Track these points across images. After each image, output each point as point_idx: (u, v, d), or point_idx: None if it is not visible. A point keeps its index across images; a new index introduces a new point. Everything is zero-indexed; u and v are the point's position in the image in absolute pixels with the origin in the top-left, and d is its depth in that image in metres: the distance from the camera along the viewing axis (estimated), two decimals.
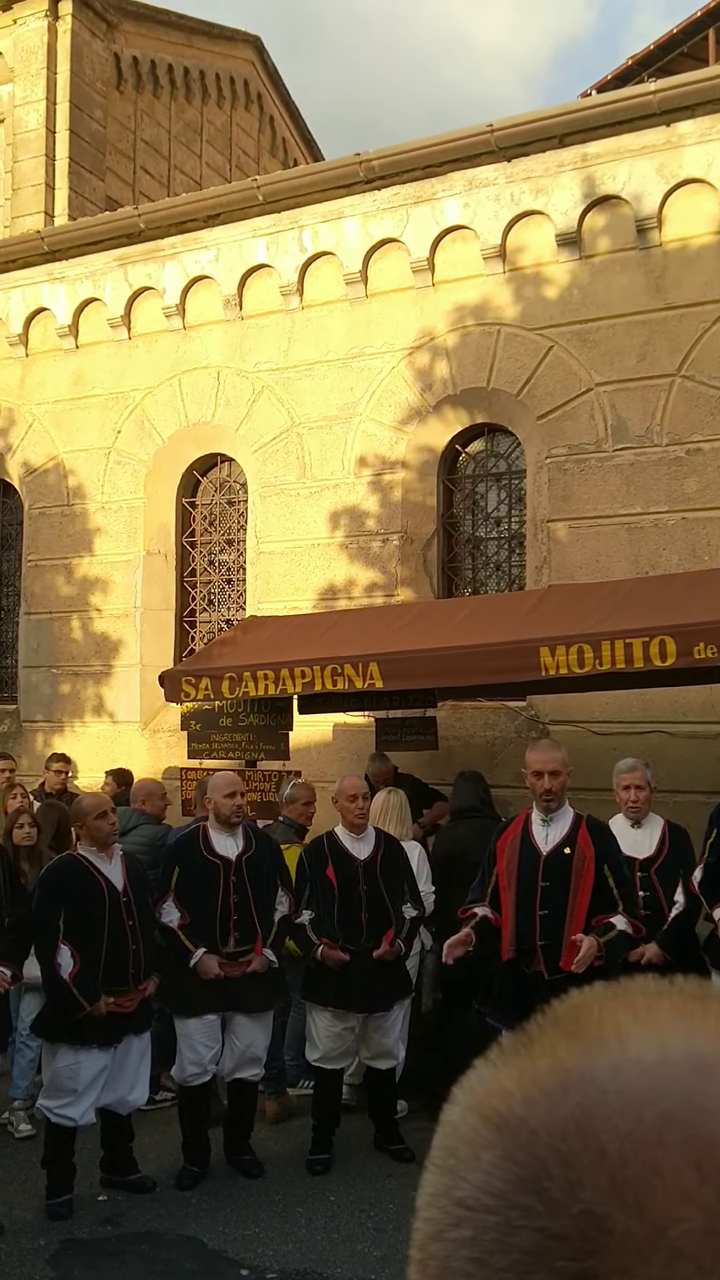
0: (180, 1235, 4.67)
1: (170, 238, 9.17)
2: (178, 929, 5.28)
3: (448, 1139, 0.45)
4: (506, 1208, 0.41)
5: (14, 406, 10.03)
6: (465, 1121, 0.45)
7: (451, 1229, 0.43)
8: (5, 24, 13.37)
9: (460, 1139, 0.44)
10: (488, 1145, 0.43)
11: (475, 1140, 0.44)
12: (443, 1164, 0.45)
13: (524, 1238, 0.40)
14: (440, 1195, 0.44)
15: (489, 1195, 0.42)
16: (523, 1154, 0.42)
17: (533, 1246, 0.40)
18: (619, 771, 5.66)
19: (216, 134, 15.99)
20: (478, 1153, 0.43)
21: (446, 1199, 0.43)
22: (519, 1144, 0.42)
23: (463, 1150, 0.44)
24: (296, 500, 8.62)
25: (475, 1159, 0.43)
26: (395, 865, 5.60)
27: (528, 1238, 0.40)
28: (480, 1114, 0.44)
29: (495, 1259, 0.41)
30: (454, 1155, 0.44)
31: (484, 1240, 0.41)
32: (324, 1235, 4.65)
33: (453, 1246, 0.42)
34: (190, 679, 6.83)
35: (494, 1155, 0.43)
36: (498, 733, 7.87)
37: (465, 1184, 0.43)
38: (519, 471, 8.34)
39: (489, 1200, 0.42)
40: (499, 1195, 0.41)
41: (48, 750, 9.49)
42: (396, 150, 8.12)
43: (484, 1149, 0.43)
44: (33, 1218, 4.82)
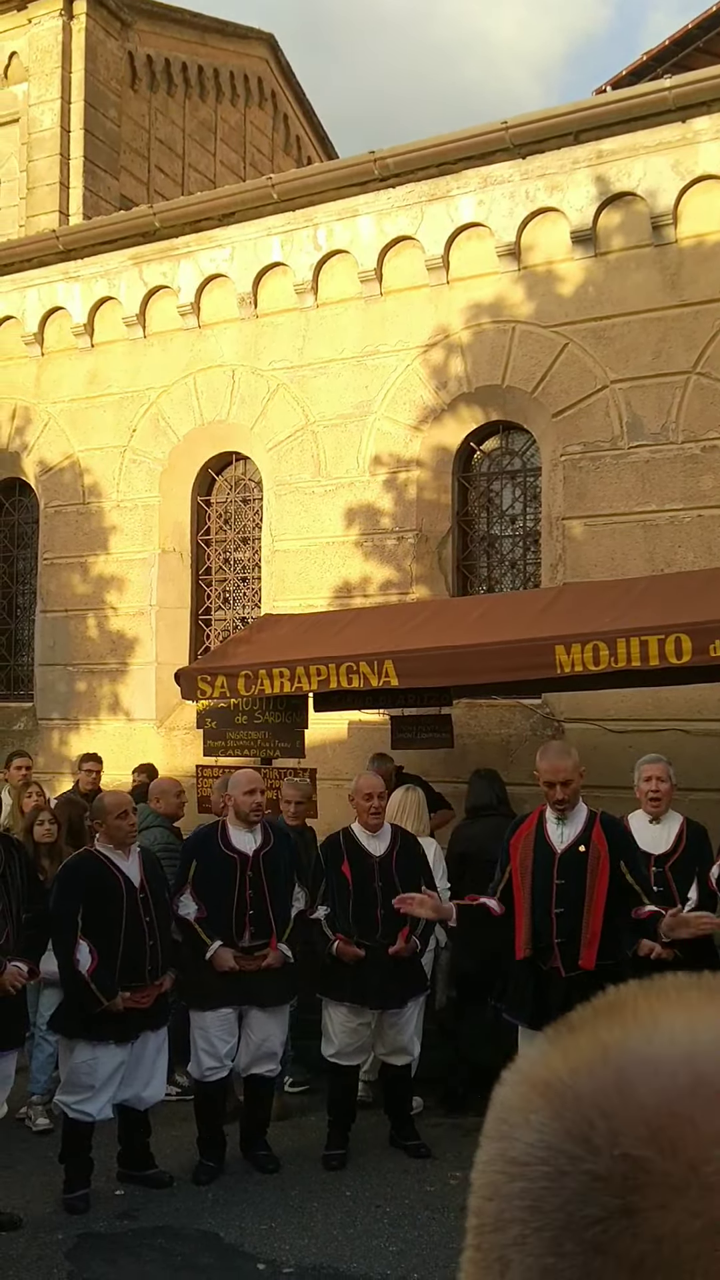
0: (197, 1230, 4.70)
1: (185, 236, 9.19)
2: (195, 922, 5.32)
3: (499, 1112, 0.51)
4: (555, 1156, 0.46)
5: (30, 405, 10.08)
6: (515, 1093, 0.50)
7: (505, 1185, 0.48)
8: (20, 23, 13.42)
9: (511, 1108, 0.50)
10: (536, 1109, 0.48)
11: (525, 1107, 0.49)
12: (495, 1133, 0.50)
13: (572, 1180, 0.46)
14: (494, 1159, 0.49)
15: (540, 1148, 0.47)
16: (569, 1112, 0.47)
17: (580, 1188, 0.45)
18: (641, 764, 5.66)
19: (231, 132, 16.01)
20: (527, 1116, 0.48)
21: (500, 1160, 0.49)
22: (565, 1104, 0.48)
23: (514, 1117, 0.49)
24: (311, 498, 8.63)
25: (526, 1122, 0.48)
26: (411, 861, 5.61)
27: (575, 1180, 0.46)
28: (529, 1084, 0.50)
29: (546, 1202, 0.46)
30: (506, 1123, 0.50)
31: (535, 1189, 0.47)
32: (340, 1230, 4.67)
33: (505, 1201, 0.48)
34: (206, 677, 6.85)
35: (542, 1116, 0.48)
36: (513, 731, 7.87)
37: (518, 1144, 0.48)
38: (534, 469, 8.33)
39: (540, 1152, 0.47)
40: (549, 1147, 0.47)
41: (64, 748, 9.54)
42: (411, 148, 8.12)
43: (533, 1112, 0.48)
44: (50, 1212, 4.86)
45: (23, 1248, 4.53)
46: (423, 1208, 4.87)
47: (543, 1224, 0.46)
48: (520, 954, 4.77)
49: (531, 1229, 0.46)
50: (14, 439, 10.16)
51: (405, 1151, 5.45)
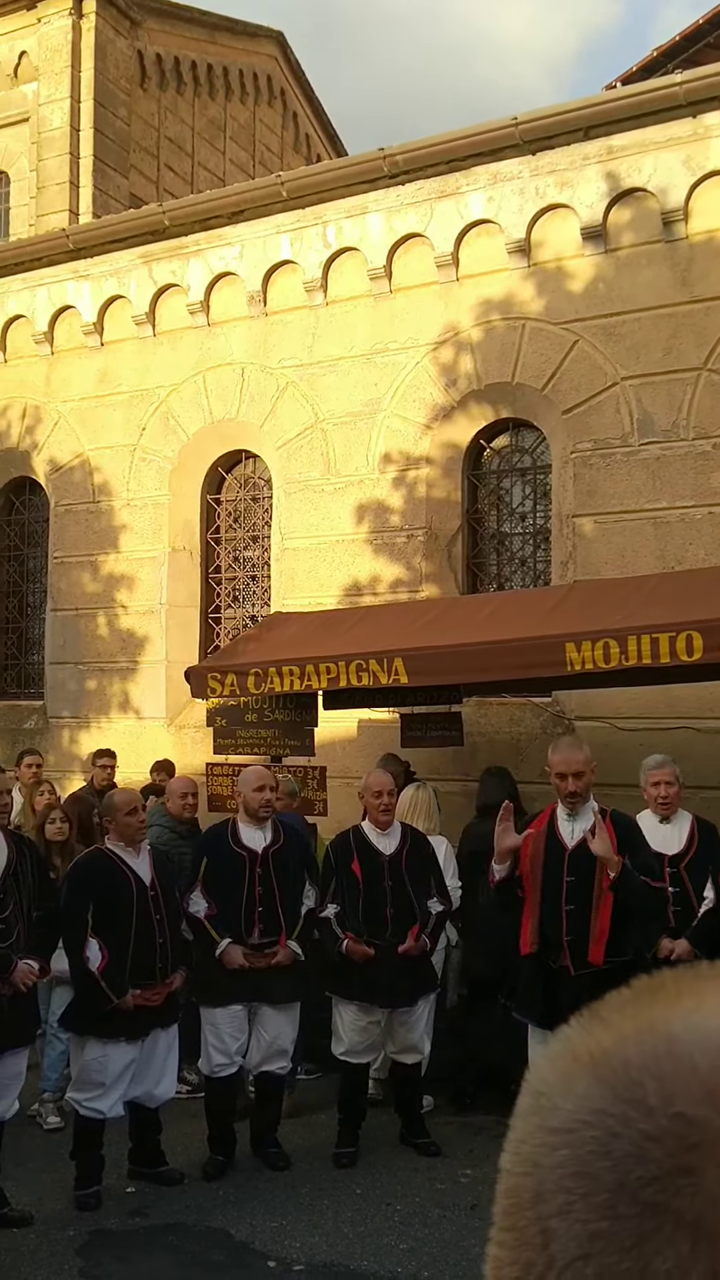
0: (207, 1227, 4.70)
1: (194, 234, 9.19)
2: (205, 919, 5.32)
3: (534, 1087, 0.50)
4: (604, 1119, 0.46)
5: (40, 404, 10.10)
6: (555, 1065, 0.49)
7: (547, 1156, 0.47)
8: (30, 23, 13.45)
9: (549, 1081, 0.49)
10: (579, 1076, 0.48)
11: (567, 1077, 0.48)
12: (531, 1108, 0.49)
13: (623, 1141, 0.45)
14: (530, 1134, 0.48)
15: (586, 1114, 0.46)
16: (617, 1077, 0.46)
17: (632, 1148, 0.44)
18: (647, 768, 5.64)
19: (240, 130, 16.02)
20: (570, 1086, 0.48)
21: (539, 1133, 0.48)
22: (612, 1070, 0.47)
23: (555, 1087, 0.48)
24: (321, 496, 8.63)
25: (568, 1090, 0.48)
26: (421, 860, 5.61)
27: (627, 1140, 0.45)
28: (570, 1058, 0.49)
29: (595, 1165, 0.45)
30: (544, 1095, 0.49)
31: (583, 1154, 0.46)
32: (350, 1228, 4.67)
33: (546, 1173, 0.47)
34: (216, 675, 6.86)
35: (587, 1082, 0.47)
36: (523, 729, 7.86)
37: (560, 1112, 0.47)
38: (544, 466, 8.31)
39: (586, 1116, 0.46)
40: (596, 1111, 0.46)
41: (74, 746, 9.56)
42: (420, 144, 8.11)
43: (576, 1080, 0.48)
44: (62, 1208, 4.87)
45: (34, 1244, 4.54)
46: (433, 1205, 4.87)
47: (591, 1189, 0.45)
48: (526, 949, 4.77)
49: (578, 1195, 0.45)
50: (24, 438, 10.18)
51: (415, 1149, 5.45)
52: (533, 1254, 0.46)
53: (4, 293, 10.22)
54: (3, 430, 10.31)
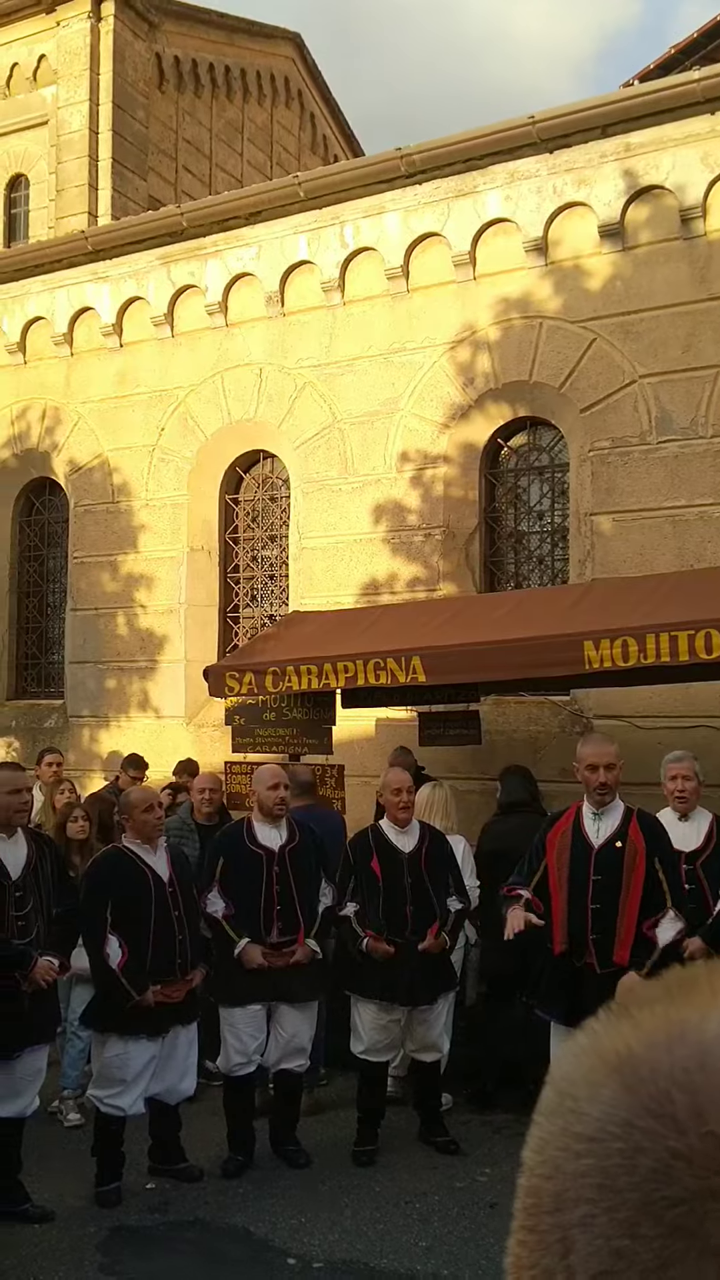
0: (227, 1224, 4.72)
1: (212, 235, 9.23)
2: (223, 919, 5.33)
3: (560, 1086, 0.48)
4: (630, 1132, 0.44)
5: (60, 405, 10.15)
6: (580, 1066, 0.47)
7: (570, 1163, 0.45)
8: (48, 26, 13.51)
9: (575, 1082, 0.47)
10: (606, 1082, 0.46)
11: (593, 1080, 0.46)
12: (556, 1108, 0.47)
13: (650, 1157, 0.43)
14: (556, 1135, 0.46)
15: (613, 1124, 0.44)
16: (645, 1087, 0.44)
17: (659, 1166, 0.42)
18: (667, 762, 5.64)
19: (257, 132, 16.05)
20: (596, 1091, 0.46)
21: (564, 1136, 0.46)
22: (640, 1078, 0.45)
23: (580, 1090, 0.46)
24: (338, 496, 8.64)
25: (595, 1096, 0.45)
26: (440, 858, 5.61)
27: (654, 1157, 0.43)
28: (597, 1057, 0.47)
29: (620, 1180, 0.43)
30: (569, 1097, 0.47)
31: (607, 1166, 0.44)
32: (370, 1226, 4.68)
33: (569, 1180, 0.45)
34: (234, 674, 6.88)
35: (614, 1090, 0.45)
36: (541, 728, 7.84)
37: (586, 1118, 0.45)
38: (562, 465, 8.30)
39: (613, 1128, 0.44)
40: (623, 1123, 0.44)
41: (94, 745, 9.61)
42: (437, 144, 8.11)
43: (603, 1086, 0.46)
44: (83, 1205, 4.89)
45: (55, 1240, 4.57)
46: (453, 1204, 4.87)
47: (614, 1204, 0.43)
48: (557, 949, 4.77)
49: (601, 1209, 0.43)
50: (44, 439, 10.23)
51: (435, 1148, 5.45)
52: (552, 1261, 0.45)
53: (24, 295, 10.29)
54: (23, 431, 10.38)
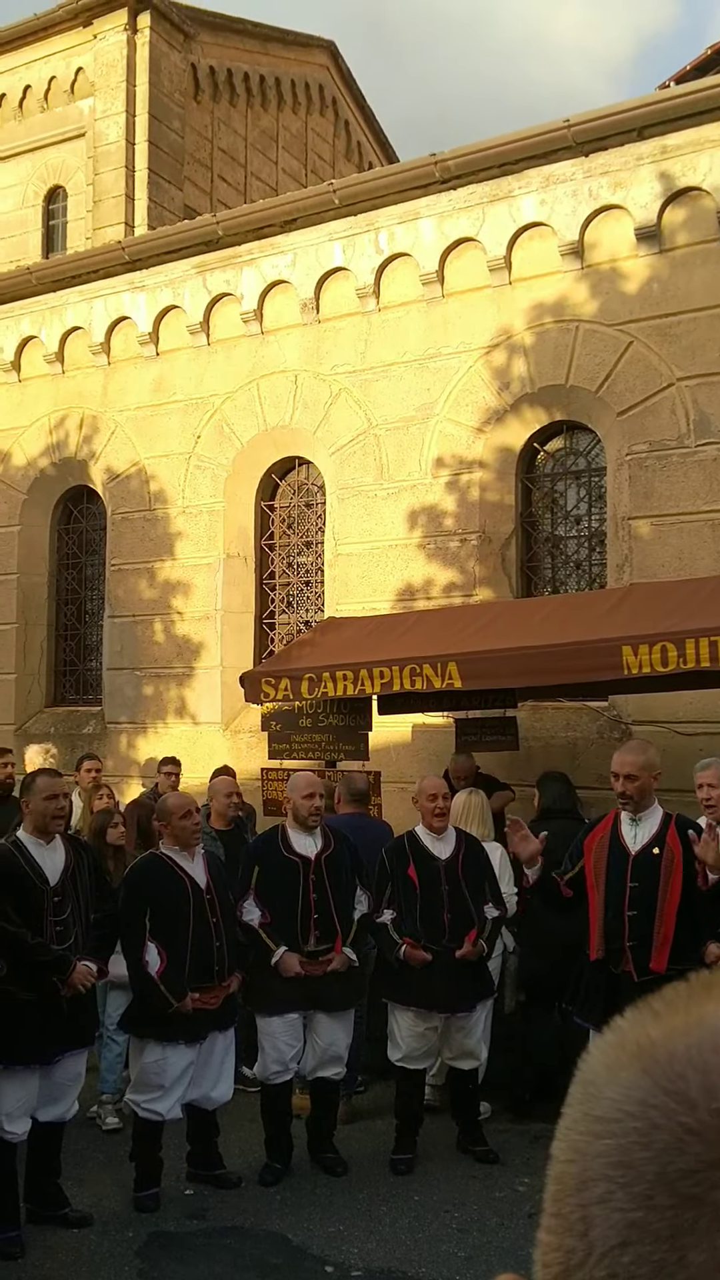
0: (265, 1231, 4.71)
1: (248, 244, 9.27)
2: (259, 927, 5.33)
3: (584, 1076, 0.50)
4: (646, 1111, 0.46)
5: (97, 414, 10.24)
6: (602, 1055, 0.50)
7: (591, 1145, 0.47)
8: (86, 39, 13.66)
9: (596, 1071, 0.49)
10: (625, 1066, 0.48)
11: (613, 1065, 0.49)
12: (579, 1096, 0.50)
13: (665, 1133, 0.45)
14: (577, 1121, 0.49)
15: (629, 1104, 0.47)
16: (660, 1069, 0.47)
17: (673, 1141, 0.45)
18: (696, 770, 5.59)
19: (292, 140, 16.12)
20: (615, 1074, 0.48)
21: (585, 1120, 0.48)
22: (657, 1061, 0.47)
23: (601, 1076, 0.49)
24: (374, 501, 8.64)
25: (614, 1080, 0.48)
26: (477, 865, 5.57)
27: (669, 1132, 0.45)
28: (619, 1047, 0.49)
29: (636, 1156, 0.45)
30: (590, 1084, 0.49)
31: (625, 1144, 0.46)
32: (408, 1235, 4.65)
33: (590, 1161, 0.47)
34: (270, 680, 6.89)
35: (632, 1072, 0.48)
36: (579, 734, 7.79)
37: (604, 1101, 0.48)
38: (599, 469, 8.24)
39: (630, 1107, 0.46)
40: (639, 1102, 0.46)
41: (132, 751, 9.66)
42: (472, 149, 8.10)
43: (622, 1070, 0.48)
44: (121, 1210, 4.91)
45: (94, 1245, 4.58)
46: (491, 1214, 4.83)
47: (631, 1179, 0.45)
48: (594, 955, 4.73)
49: (618, 1184, 0.45)
50: (82, 447, 10.32)
51: (473, 1157, 5.41)
52: (574, 1240, 0.47)
53: (62, 305, 10.39)
54: (61, 440, 10.47)
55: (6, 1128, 4.60)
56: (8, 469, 10.77)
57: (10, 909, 4.61)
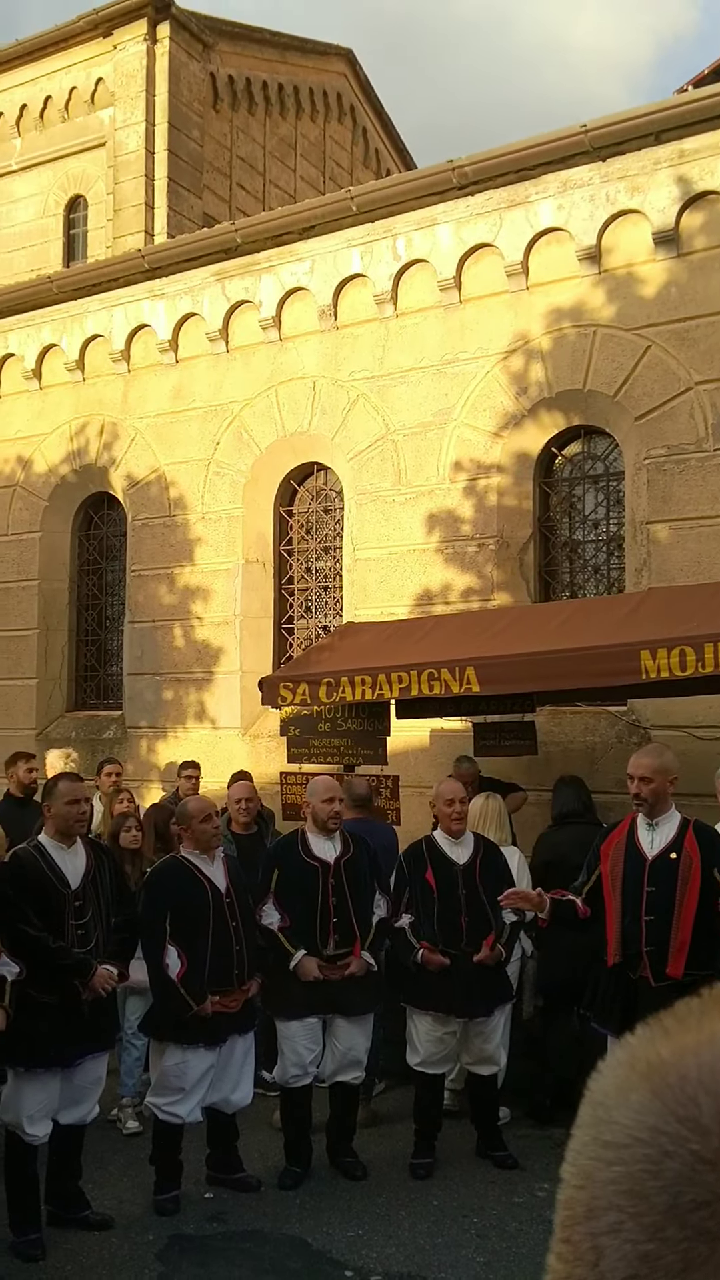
0: (285, 1234, 4.72)
1: (266, 251, 9.32)
2: (278, 931, 5.34)
3: (594, 1097, 0.48)
4: (657, 1138, 0.44)
5: (117, 421, 10.30)
6: (612, 1076, 0.48)
7: (601, 1171, 0.45)
8: (105, 50, 13.77)
9: (607, 1092, 0.47)
10: (635, 1088, 0.46)
11: (623, 1087, 0.47)
12: (589, 1119, 0.48)
13: (676, 1162, 0.43)
14: (587, 1145, 0.47)
15: (640, 1129, 0.45)
16: (672, 1092, 0.45)
17: (685, 1170, 0.43)
18: (717, 776, 5.59)
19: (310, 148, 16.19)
20: (626, 1096, 0.46)
21: (594, 1145, 0.46)
22: (668, 1084, 0.45)
23: (611, 1098, 0.47)
24: (392, 507, 8.66)
25: (624, 1102, 0.46)
26: (494, 870, 5.57)
27: (680, 1161, 0.43)
28: (629, 1066, 0.47)
29: (647, 1185, 0.43)
30: (600, 1106, 0.47)
31: (635, 1172, 0.44)
32: (427, 1240, 4.65)
33: (600, 1188, 0.45)
34: (289, 685, 6.91)
35: (642, 1095, 0.46)
36: (598, 738, 7.77)
37: (614, 1125, 0.46)
38: (617, 473, 8.24)
39: (641, 1134, 0.44)
40: (651, 1129, 0.44)
41: (152, 755, 9.71)
42: (489, 155, 8.11)
43: (632, 1092, 0.46)
44: (141, 1213, 4.93)
45: (114, 1248, 4.61)
46: (511, 1219, 4.83)
47: (642, 1209, 0.43)
48: (611, 960, 4.72)
49: (629, 1214, 0.43)
50: (102, 454, 10.39)
51: (493, 1162, 5.41)
52: (584, 1270, 0.45)
53: (83, 314, 10.47)
54: (82, 447, 10.55)
55: (28, 1130, 4.63)
56: (29, 476, 10.85)
57: (32, 913, 4.65)
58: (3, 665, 10.82)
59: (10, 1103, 4.67)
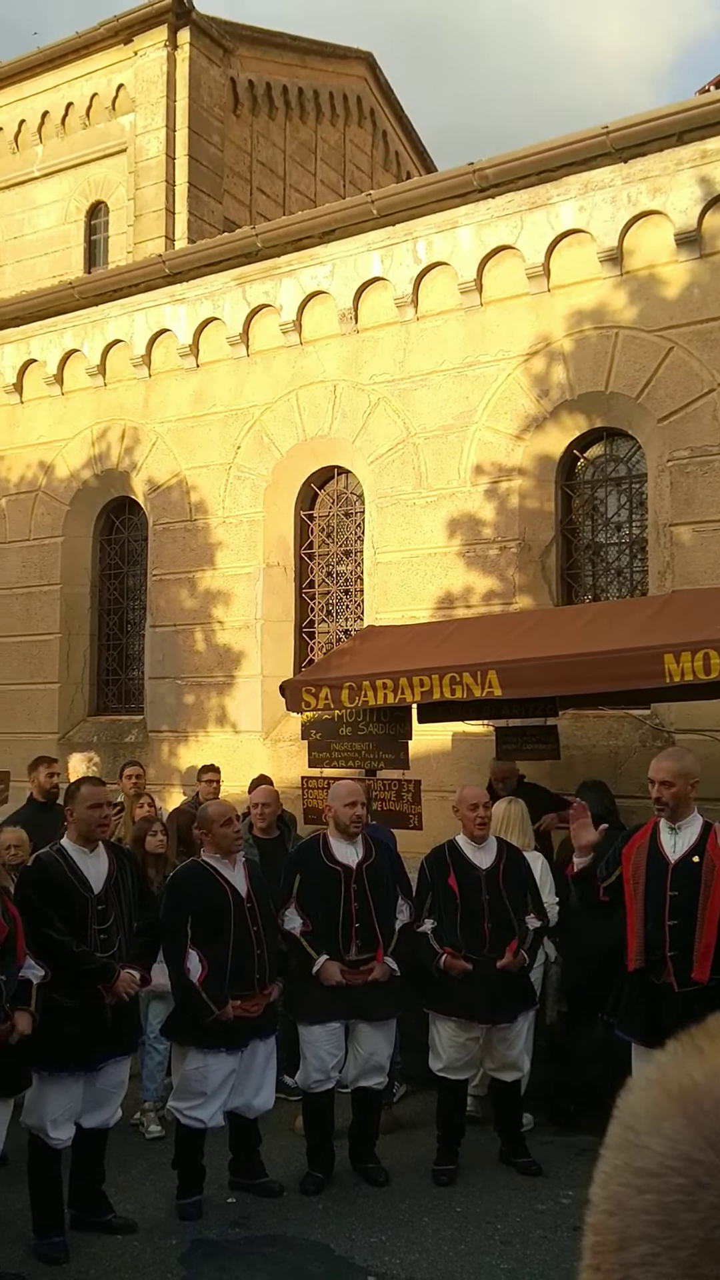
0: (307, 1240, 4.71)
1: (286, 255, 9.32)
2: (300, 936, 5.33)
3: (625, 1119, 0.47)
4: (691, 1167, 0.42)
5: (138, 426, 10.34)
6: (644, 1098, 0.46)
7: (632, 1198, 0.44)
8: (126, 56, 13.83)
9: (639, 1115, 0.46)
10: (669, 1115, 0.44)
11: (655, 1112, 0.45)
12: (620, 1142, 0.46)
13: (712, 1194, 0.42)
14: (618, 1171, 0.45)
15: (673, 1159, 0.43)
16: (706, 1119, 0.43)
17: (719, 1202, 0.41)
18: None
19: (330, 151, 16.20)
20: (658, 1123, 0.45)
21: (626, 1171, 0.45)
22: (703, 1110, 0.43)
23: (642, 1123, 0.45)
24: (413, 510, 8.64)
25: (656, 1129, 0.44)
26: (517, 875, 5.55)
27: (715, 1192, 0.41)
28: (661, 1089, 0.46)
29: (681, 1217, 0.42)
30: (632, 1130, 0.46)
31: (669, 1203, 0.42)
32: (450, 1246, 4.63)
33: (631, 1216, 0.43)
34: (310, 689, 6.90)
35: (676, 1123, 0.44)
36: (621, 742, 7.73)
37: (646, 1152, 0.44)
38: (639, 475, 8.19)
39: (674, 1163, 0.43)
40: (684, 1157, 0.43)
41: (173, 759, 9.72)
42: (510, 157, 8.09)
43: (665, 1119, 0.44)
44: (164, 1217, 4.93)
45: (137, 1252, 4.61)
46: (534, 1226, 4.80)
47: (675, 1241, 0.41)
48: (632, 965, 4.68)
49: (662, 1247, 0.42)
50: (123, 459, 10.43)
51: (516, 1169, 5.38)
52: None
53: (104, 319, 10.51)
54: (103, 452, 10.59)
55: (51, 1134, 4.64)
56: (51, 481, 10.90)
57: (55, 917, 4.66)
58: (25, 670, 10.87)
59: (34, 1106, 4.69)
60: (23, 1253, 4.55)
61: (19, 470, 11.13)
